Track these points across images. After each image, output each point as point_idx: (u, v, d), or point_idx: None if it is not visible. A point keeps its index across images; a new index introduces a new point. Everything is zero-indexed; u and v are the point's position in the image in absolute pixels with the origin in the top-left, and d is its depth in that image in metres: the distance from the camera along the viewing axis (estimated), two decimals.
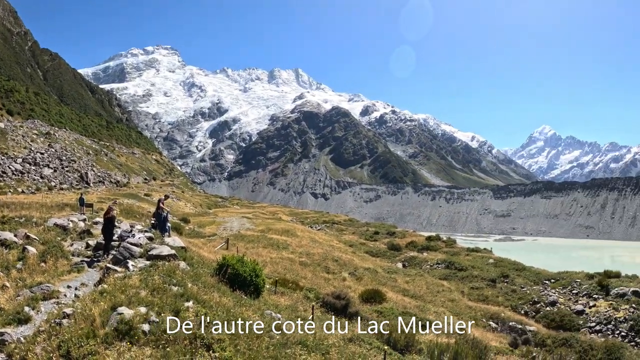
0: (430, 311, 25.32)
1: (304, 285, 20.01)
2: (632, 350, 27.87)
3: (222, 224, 49.24)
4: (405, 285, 32.40)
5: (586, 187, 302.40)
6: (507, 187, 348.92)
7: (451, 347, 12.57)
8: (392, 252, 52.42)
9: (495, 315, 31.26)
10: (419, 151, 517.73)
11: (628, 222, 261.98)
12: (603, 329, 32.29)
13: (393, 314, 19.62)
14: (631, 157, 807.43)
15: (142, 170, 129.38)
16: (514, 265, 48.11)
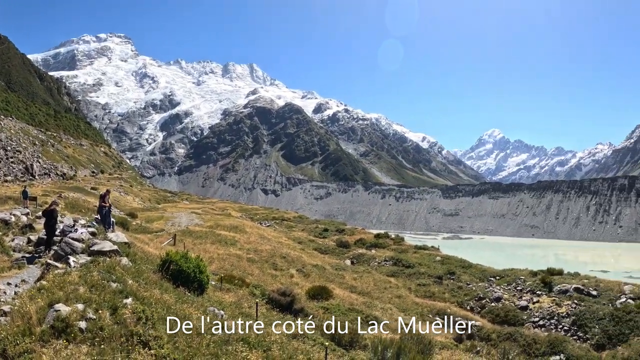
0: (377, 307, 25.53)
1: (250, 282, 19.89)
2: (575, 343, 29.10)
3: (171, 220, 48.58)
4: (352, 282, 32.60)
5: (532, 189, 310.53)
6: (455, 187, 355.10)
7: (395, 343, 12.66)
8: (341, 249, 52.61)
9: (442, 311, 31.77)
10: (370, 150, 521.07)
11: (572, 223, 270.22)
12: (546, 323, 33.31)
13: (339, 310, 19.72)
14: (576, 161, 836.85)
15: (90, 163, 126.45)
16: (461, 263, 49.05)
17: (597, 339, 31.01)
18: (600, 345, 30.41)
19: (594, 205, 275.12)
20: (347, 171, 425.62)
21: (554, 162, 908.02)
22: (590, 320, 32.62)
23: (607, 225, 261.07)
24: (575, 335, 31.87)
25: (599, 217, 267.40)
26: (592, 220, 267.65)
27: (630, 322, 31.55)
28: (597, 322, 32.34)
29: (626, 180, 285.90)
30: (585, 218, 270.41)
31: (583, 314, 33.35)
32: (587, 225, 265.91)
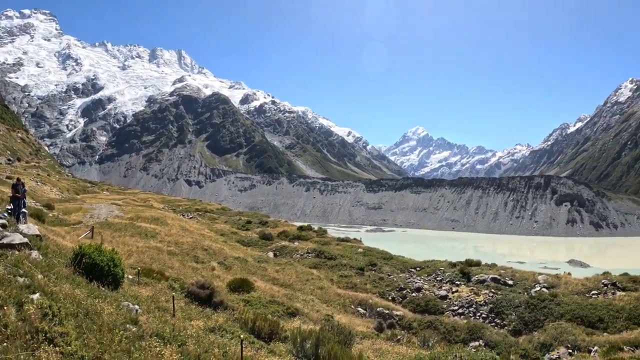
0: (299, 299, 25.57)
1: (170, 275, 19.50)
2: (493, 329, 30.65)
3: (90, 211, 46.95)
4: (275, 274, 32.54)
5: (453, 185, 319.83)
6: (379, 182, 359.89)
7: (314, 334, 12.70)
8: (264, 241, 52.45)
9: (364, 301, 32.27)
10: (296, 143, 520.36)
11: (490, 217, 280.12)
12: (465, 311, 34.62)
13: (260, 302, 19.65)
14: (496, 160, 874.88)
15: (6, 150, 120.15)
16: (382, 255, 49.90)
17: (514, 325, 32.75)
18: (517, 330, 32.18)
19: (511, 201, 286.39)
20: (272, 163, 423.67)
21: (475, 160, 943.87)
22: (507, 308, 34.41)
23: (524, 220, 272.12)
24: (493, 322, 33.49)
25: (516, 213, 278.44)
26: (510, 215, 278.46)
27: (545, 309, 33.63)
28: (514, 309, 34.22)
29: (542, 179, 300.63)
30: (503, 213, 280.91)
31: (500, 302, 35.05)
32: (504, 219, 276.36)
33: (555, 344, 28.02)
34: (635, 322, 31.65)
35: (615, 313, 32.89)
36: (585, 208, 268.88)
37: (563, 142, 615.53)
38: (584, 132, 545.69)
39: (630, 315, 32.43)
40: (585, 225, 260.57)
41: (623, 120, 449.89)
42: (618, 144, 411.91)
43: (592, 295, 36.47)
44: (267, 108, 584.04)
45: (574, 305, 34.00)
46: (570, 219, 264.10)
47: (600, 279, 40.24)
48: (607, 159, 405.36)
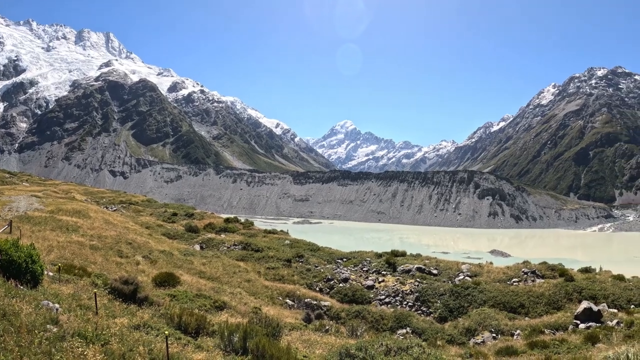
0: (226, 292, 25.32)
1: (92, 271, 18.89)
2: (419, 317, 31.73)
3: (8, 204, 44.77)
4: (201, 268, 32.11)
5: (380, 178, 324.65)
6: (306, 174, 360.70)
7: (242, 327, 12.61)
8: (190, 234, 51.66)
9: (292, 293, 32.34)
10: (224, 133, 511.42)
11: (415, 210, 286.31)
12: (392, 300, 35.38)
13: (187, 297, 19.33)
14: (421, 155, 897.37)
15: None
16: (309, 246, 50.23)
17: (440, 313, 33.86)
18: (442, 317, 33.32)
19: (436, 194, 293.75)
20: (199, 154, 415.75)
21: (401, 154, 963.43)
22: (432, 296, 35.54)
23: (448, 213, 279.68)
24: (420, 310, 34.52)
25: (440, 205, 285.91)
26: (434, 207, 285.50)
27: (468, 297, 34.96)
28: (439, 297, 35.38)
29: (466, 174, 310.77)
30: (428, 206, 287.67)
31: (425, 290, 36.09)
32: (429, 212, 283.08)
33: (480, 329, 29.25)
34: (554, 307, 33.72)
35: (535, 299, 34.82)
36: (506, 202, 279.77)
37: (487, 140, 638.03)
38: (507, 131, 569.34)
39: (549, 300, 34.48)
40: (506, 217, 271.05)
41: (544, 122, 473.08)
42: (538, 143, 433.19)
43: (513, 282, 38.43)
44: (195, 97, 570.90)
45: (496, 292, 35.62)
46: (492, 211, 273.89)
47: (521, 267, 42.37)
48: (528, 156, 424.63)
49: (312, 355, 13.64)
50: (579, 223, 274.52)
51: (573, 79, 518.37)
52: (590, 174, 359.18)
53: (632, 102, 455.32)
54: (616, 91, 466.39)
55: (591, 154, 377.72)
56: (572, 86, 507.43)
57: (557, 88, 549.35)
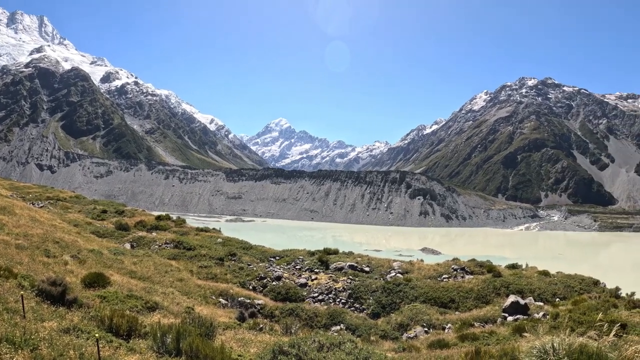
0: (158, 292, 24.84)
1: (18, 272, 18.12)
2: (352, 314, 32.23)
3: None
4: (132, 267, 31.37)
5: (313, 177, 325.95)
6: (239, 171, 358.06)
7: (174, 328, 12.43)
8: (121, 232, 50.29)
9: (225, 292, 32.04)
10: (157, 128, 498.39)
11: (348, 208, 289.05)
12: (325, 298, 35.70)
13: (117, 298, 18.86)
14: (355, 155, 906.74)
15: None
16: (242, 244, 49.99)
17: (373, 309, 34.47)
18: (375, 314, 33.93)
19: (368, 193, 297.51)
20: (130, 148, 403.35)
21: (335, 153, 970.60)
22: (365, 293, 36.14)
23: (380, 212, 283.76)
24: (353, 306, 35.03)
25: (373, 204, 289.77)
26: (367, 207, 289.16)
27: (400, 293, 35.90)
28: (371, 294, 36.01)
29: (398, 175, 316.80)
30: (361, 205, 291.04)
31: (358, 287, 36.67)
32: (362, 211, 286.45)
33: (412, 323, 30.06)
34: (483, 301, 35.30)
35: (465, 294, 36.23)
36: (437, 202, 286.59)
37: (419, 142, 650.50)
38: (439, 134, 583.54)
39: (478, 295, 35.95)
40: (437, 217, 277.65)
41: (475, 126, 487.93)
42: (469, 146, 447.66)
43: (443, 279, 39.65)
44: (129, 89, 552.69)
45: (427, 288, 36.75)
46: (423, 211, 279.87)
47: (450, 264, 43.71)
48: (459, 159, 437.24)
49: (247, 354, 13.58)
50: (506, 222, 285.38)
51: (505, 87, 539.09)
52: (518, 176, 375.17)
53: (559, 111, 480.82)
54: (545, 100, 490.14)
55: (519, 158, 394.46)
56: (504, 94, 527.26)
57: (489, 95, 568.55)
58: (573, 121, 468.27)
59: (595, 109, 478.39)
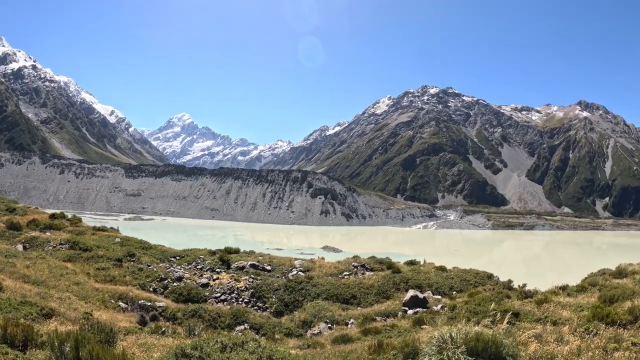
0: (54, 298, 23.78)
1: None
2: (256, 313, 32.37)
3: None
4: (25, 271, 29.83)
5: (214, 174, 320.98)
6: (139, 167, 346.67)
7: (72, 335, 11.98)
8: (12, 232, 47.45)
9: (124, 295, 31.06)
10: (53, 117, 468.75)
11: (249, 207, 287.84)
12: (228, 297, 35.56)
13: (10, 305, 17.93)
14: (257, 153, 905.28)
15: None
16: (141, 244, 48.64)
17: (276, 307, 34.81)
18: (279, 312, 34.31)
19: (270, 192, 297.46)
20: (24, 139, 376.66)
21: (237, 151, 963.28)
22: (267, 292, 36.40)
23: (281, 210, 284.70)
24: (256, 305, 35.19)
25: (274, 203, 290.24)
26: (268, 205, 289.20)
27: (302, 290, 36.56)
28: (274, 292, 36.35)
29: (300, 174, 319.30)
30: (262, 203, 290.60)
31: (260, 286, 36.85)
32: (263, 209, 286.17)
33: (316, 320, 30.60)
34: (384, 296, 36.77)
35: (366, 290, 37.47)
36: (338, 201, 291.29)
37: (321, 142, 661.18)
38: (342, 136, 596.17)
39: (379, 290, 37.30)
40: (338, 216, 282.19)
41: (377, 129, 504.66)
42: (370, 148, 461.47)
43: (344, 276, 40.59)
44: (26, 73, 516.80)
45: (329, 285, 37.51)
46: (324, 210, 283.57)
47: (351, 261, 44.80)
48: (360, 160, 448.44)
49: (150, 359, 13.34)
50: (405, 221, 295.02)
51: (407, 93, 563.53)
52: (417, 178, 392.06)
53: (458, 118, 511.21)
54: (445, 108, 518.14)
55: (418, 161, 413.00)
56: (406, 100, 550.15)
57: (392, 100, 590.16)
58: (470, 128, 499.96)
59: (491, 119, 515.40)
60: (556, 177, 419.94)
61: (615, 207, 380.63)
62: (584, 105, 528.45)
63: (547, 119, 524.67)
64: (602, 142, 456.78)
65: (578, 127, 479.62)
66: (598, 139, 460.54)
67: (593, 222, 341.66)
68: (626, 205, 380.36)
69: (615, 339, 11.11)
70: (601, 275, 33.51)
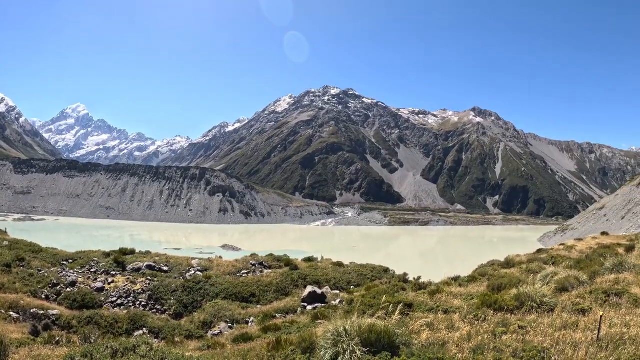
0: None
1: None
2: (154, 316, 31.66)
3: None
4: None
5: (110, 170, 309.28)
6: (29, 162, 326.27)
7: None
8: None
9: (15, 303, 29.43)
10: None
11: (146, 205, 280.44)
12: (124, 301, 34.63)
13: None
14: (155, 148, 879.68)
15: None
16: (31, 247, 46.25)
17: (175, 309, 34.27)
18: (178, 314, 33.84)
19: (167, 190, 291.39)
20: None
21: (134, 146, 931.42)
22: (165, 294, 35.72)
23: (179, 209, 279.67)
24: (154, 308, 34.44)
25: (172, 201, 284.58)
26: (165, 203, 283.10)
27: (201, 291, 36.31)
28: (172, 294, 35.76)
29: (198, 171, 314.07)
30: (159, 201, 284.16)
31: (158, 288, 36.13)
32: (160, 208, 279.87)
33: (216, 320, 30.51)
34: (282, 293, 37.39)
35: (265, 287, 37.88)
36: (236, 199, 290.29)
37: (221, 139, 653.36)
38: (241, 133, 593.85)
39: (278, 288, 37.83)
40: (236, 214, 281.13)
41: (277, 127, 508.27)
42: (270, 146, 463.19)
43: (242, 274, 40.83)
44: None
45: (227, 284, 37.55)
46: (222, 208, 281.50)
47: (249, 260, 45.06)
48: (259, 157, 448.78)
49: None
50: (304, 219, 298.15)
51: (309, 93, 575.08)
52: (315, 176, 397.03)
53: (357, 119, 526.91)
54: (345, 109, 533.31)
55: (317, 160, 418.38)
56: (307, 99, 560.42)
57: (293, 99, 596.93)
58: (369, 129, 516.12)
59: (389, 120, 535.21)
60: (450, 177, 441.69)
61: (505, 204, 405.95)
62: (477, 112, 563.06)
63: (443, 122, 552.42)
64: (493, 145, 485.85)
65: (471, 131, 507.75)
66: (489, 142, 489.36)
67: (484, 218, 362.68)
68: (514, 202, 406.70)
69: (503, 324, 12.04)
70: (490, 266, 35.87)
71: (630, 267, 19.39)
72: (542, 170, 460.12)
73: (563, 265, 25.26)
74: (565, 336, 10.45)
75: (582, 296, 14.90)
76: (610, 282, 16.87)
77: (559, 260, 31.78)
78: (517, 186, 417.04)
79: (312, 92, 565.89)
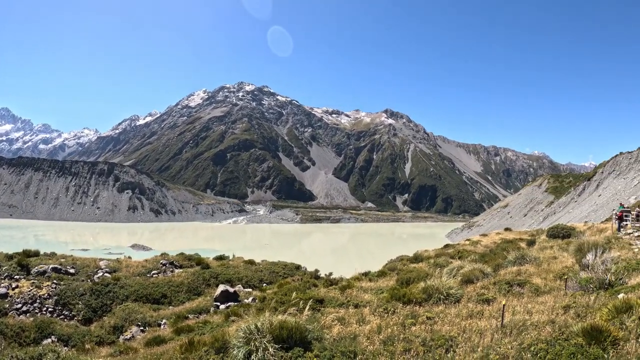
0: None
1: None
2: (62, 322, 29.99)
3: None
4: None
5: (13, 165, 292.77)
6: None
7: None
8: None
9: None
10: None
11: (51, 203, 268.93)
12: (30, 308, 32.87)
13: None
14: (61, 141, 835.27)
15: None
16: None
17: (84, 314, 33.03)
18: (87, 319, 32.61)
19: (73, 186, 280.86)
20: None
21: (39, 138, 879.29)
22: (72, 298, 34.29)
23: (86, 207, 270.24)
24: (62, 314, 32.94)
25: (78, 199, 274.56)
26: (72, 201, 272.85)
27: (110, 293, 35.22)
28: (80, 298, 34.38)
29: (106, 166, 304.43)
30: (65, 199, 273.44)
31: (65, 292, 34.66)
32: (66, 205, 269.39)
33: (127, 324, 29.81)
34: (195, 293, 36.97)
35: (176, 288, 37.33)
36: (146, 196, 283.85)
37: (131, 133, 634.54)
38: (153, 127, 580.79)
39: (189, 288, 37.44)
40: (146, 211, 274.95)
41: (189, 122, 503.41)
42: (181, 141, 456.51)
43: (153, 275, 40.15)
44: None
45: (137, 286, 36.70)
46: (132, 205, 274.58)
47: (159, 259, 44.42)
48: (170, 153, 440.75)
49: None
50: (215, 217, 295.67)
51: (223, 88, 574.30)
52: (227, 173, 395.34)
53: (271, 117, 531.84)
54: (259, 106, 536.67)
55: (229, 156, 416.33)
56: (221, 94, 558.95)
57: (207, 94, 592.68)
58: (282, 127, 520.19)
59: (303, 119, 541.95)
60: (361, 176, 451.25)
61: (414, 202, 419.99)
62: (389, 113, 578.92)
63: (356, 122, 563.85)
64: (404, 146, 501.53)
65: (383, 132, 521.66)
66: (400, 143, 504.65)
67: (394, 215, 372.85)
68: (423, 200, 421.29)
69: (412, 315, 12.65)
70: (400, 261, 37.11)
71: (531, 260, 20.83)
72: (450, 171, 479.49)
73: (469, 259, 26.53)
74: (472, 324, 11.16)
75: (487, 287, 15.90)
76: (513, 274, 18.03)
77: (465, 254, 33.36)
78: (426, 185, 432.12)
79: (227, 88, 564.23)
